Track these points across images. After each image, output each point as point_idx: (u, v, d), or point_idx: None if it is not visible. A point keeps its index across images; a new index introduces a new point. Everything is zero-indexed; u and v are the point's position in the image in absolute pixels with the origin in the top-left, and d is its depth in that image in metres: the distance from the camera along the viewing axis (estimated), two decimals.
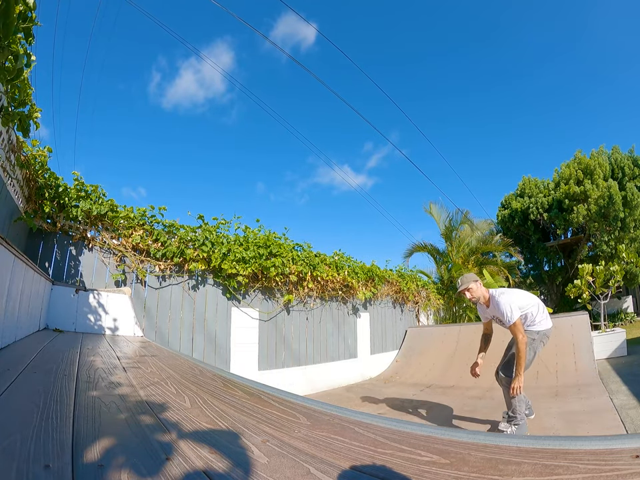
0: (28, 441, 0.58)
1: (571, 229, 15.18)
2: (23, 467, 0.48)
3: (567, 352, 5.20)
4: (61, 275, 4.00)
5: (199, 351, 4.91)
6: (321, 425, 0.72)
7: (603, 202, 12.70)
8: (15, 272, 2.03)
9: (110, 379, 1.18)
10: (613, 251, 12.66)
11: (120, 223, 4.41)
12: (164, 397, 0.94)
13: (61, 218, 4.02)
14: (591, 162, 13.67)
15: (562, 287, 13.87)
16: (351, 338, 7.46)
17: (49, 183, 3.90)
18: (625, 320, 12.68)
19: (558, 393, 4.36)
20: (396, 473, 0.49)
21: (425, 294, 9.99)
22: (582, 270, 9.08)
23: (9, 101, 2.19)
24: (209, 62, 19.13)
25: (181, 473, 0.49)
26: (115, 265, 4.39)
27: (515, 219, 15.93)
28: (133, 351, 2.26)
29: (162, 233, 4.76)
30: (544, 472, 0.43)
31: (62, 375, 1.18)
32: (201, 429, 0.68)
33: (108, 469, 0.50)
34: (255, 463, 0.53)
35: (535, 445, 0.53)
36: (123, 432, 0.66)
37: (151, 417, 0.75)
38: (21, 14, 1.71)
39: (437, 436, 0.63)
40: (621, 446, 0.47)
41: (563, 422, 3.35)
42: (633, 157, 14.06)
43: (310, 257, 6.55)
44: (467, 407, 4.28)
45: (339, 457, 0.55)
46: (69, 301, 3.40)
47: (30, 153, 3.58)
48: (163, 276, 4.80)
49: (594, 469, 0.42)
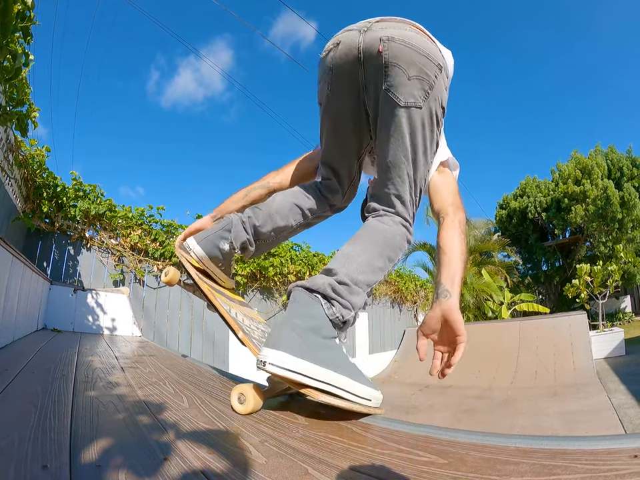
0: (26, 442, 0.57)
1: (569, 229, 15.22)
2: (20, 467, 0.48)
3: (565, 352, 5.21)
4: (59, 274, 3.99)
5: (197, 351, 4.90)
6: (319, 425, 0.72)
7: (601, 203, 12.73)
8: (12, 272, 2.02)
9: (108, 379, 1.18)
10: (610, 251, 12.69)
11: (118, 223, 4.40)
12: (162, 397, 0.94)
13: (59, 218, 4.01)
14: (589, 162, 13.71)
15: (560, 286, 13.91)
16: (349, 338, 7.46)
17: (47, 183, 3.89)
18: (623, 320, 12.72)
19: (556, 392, 4.37)
20: (394, 472, 0.49)
21: (423, 294, 10.01)
22: (580, 270, 9.11)
23: (7, 100, 2.18)
24: (208, 61, 19.11)
25: (178, 473, 0.49)
26: (113, 264, 4.38)
27: (513, 218, 15.96)
28: (131, 350, 2.26)
29: (160, 233, 4.75)
30: (542, 472, 0.43)
31: (60, 375, 1.18)
32: (199, 429, 0.68)
33: (106, 469, 0.49)
34: (252, 463, 0.53)
35: (533, 444, 0.53)
36: (121, 432, 0.66)
37: (149, 417, 0.75)
38: (19, 13, 1.70)
39: (435, 436, 0.63)
40: (620, 446, 0.47)
41: (562, 422, 3.35)
42: (631, 157, 14.10)
43: (308, 257, 6.55)
44: (465, 406, 4.28)
45: (337, 457, 0.55)
46: (67, 301, 3.39)
47: (28, 153, 3.56)
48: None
49: (592, 469, 0.42)
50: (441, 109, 1.04)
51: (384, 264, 0.96)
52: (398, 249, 1.00)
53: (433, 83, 0.98)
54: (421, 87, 0.97)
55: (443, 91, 1.03)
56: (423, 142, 1.01)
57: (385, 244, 0.97)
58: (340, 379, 0.75)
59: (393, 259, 0.99)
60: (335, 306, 0.82)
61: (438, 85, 0.99)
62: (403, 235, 1.02)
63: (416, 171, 1.04)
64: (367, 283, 0.91)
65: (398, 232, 1.01)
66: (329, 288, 0.82)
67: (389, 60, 0.94)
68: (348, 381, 0.76)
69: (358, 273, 0.88)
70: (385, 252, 0.97)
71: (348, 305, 0.84)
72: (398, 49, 0.94)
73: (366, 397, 0.79)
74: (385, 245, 0.97)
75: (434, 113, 1.01)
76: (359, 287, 0.88)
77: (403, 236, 1.03)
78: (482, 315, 9.88)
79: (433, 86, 0.98)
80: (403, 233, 1.03)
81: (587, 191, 13.17)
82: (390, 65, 0.94)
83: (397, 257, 1.01)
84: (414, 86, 0.96)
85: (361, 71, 1.00)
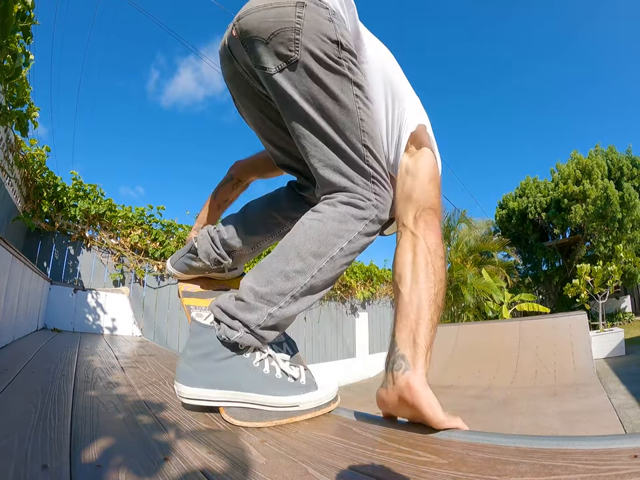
0: (26, 441, 0.57)
1: (569, 229, 15.22)
2: (20, 467, 0.48)
3: (565, 352, 5.21)
4: (59, 274, 4.00)
5: None
6: (320, 425, 0.72)
7: (600, 203, 12.73)
8: (13, 272, 2.02)
9: (108, 378, 1.18)
10: (610, 251, 12.69)
11: (118, 223, 4.40)
12: (162, 396, 0.94)
13: (59, 217, 4.01)
14: (589, 162, 13.71)
15: (560, 286, 13.90)
16: (349, 337, 7.46)
17: (47, 183, 3.89)
18: (623, 320, 12.71)
19: (556, 392, 4.37)
20: (394, 472, 0.49)
21: None
22: (580, 270, 9.11)
23: (7, 100, 2.18)
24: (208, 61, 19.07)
25: (178, 473, 0.49)
26: (113, 264, 4.38)
27: (513, 218, 15.95)
28: (131, 350, 2.26)
29: (160, 233, 4.75)
30: (542, 472, 0.43)
31: (60, 375, 1.18)
32: (199, 429, 0.68)
33: (106, 469, 0.49)
34: (253, 464, 0.53)
35: (533, 444, 0.53)
36: (121, 432, 0.66)
37: (149, 416, 0.75)
38: (19, 13, 1.70)
39: (435, 436, 0.63)
40: (619, 446, 0.47)
41: (561, 422, 3.35)
42: (631, 156, 14.09)
43: None
44: (464, 406, 4.28)
45: (337, 457, 0.55)
46: (67, 301, 3.39)
47: (28, 152, 3.57)
48: (162, 275, 4.80)
49: (592, 469, 0.42)
50: (331, 45, 0.84)
51: (303, 265, 0.79)
52: (332, 236, 0.81)
53: (297, 25, 0.83)
54: (286, 38, 0.83)
55: (323, 23, 0.84)
56: (324, 91, 0.84)
57: (306, 240, 0.81)
58: (240, 395, 0.76)
59: (324, 253, 0.80)
60: (221, 328, 0.78)
61: (307, 22, 0.83)
62: (343, 215, 0.82)
63: (340, 128, 0.84)
64: (279, 292, 0.79)
65: (332, 216, 0.82)
66: (216, 309, 0.81)
67: (243, 36, 0.85)
68: (252, 395, 0.76)
69: (263, 285, 0.79)
70: (305, 249, 0.80)
71: (235, 325, 0.77)
72: (245, 22, 0.85)
73: (278, 404, 0.76)
74: (304, 242, 0.81)
75: (320, 53, 0.83)
76: (262, 300, 0.78)
77: (345, 215, 0.82)
78: (482, 314, 9.89)
79: (298, 29, 0.83)
80: (344, 213, 0.82)
81: (587, 190, 13.17)
82: (246, 40, 0.85)
83: (336, 247, 0.81)
84: (276, 44, 0.83)
85: (237, 65, 0.92)
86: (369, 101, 0.89)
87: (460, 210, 10.80)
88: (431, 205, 0.83)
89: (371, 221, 0.84)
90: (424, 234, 0.78)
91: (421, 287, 0.72)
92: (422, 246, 0.76)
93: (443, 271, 0.76)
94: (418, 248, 0.77)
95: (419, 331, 0.67)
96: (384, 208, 0.87)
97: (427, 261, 0.74)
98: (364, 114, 0.87)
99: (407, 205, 0.85)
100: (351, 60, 0.86)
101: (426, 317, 0.68)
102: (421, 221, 0.80)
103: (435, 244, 0.78)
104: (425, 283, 0.72)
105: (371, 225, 0.85)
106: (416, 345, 0.65)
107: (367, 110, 0.88)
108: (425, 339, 0.67)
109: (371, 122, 0.88)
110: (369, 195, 0.85)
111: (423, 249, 0.76)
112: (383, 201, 0.86)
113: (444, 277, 0.77)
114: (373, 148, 0.87)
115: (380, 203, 0.86)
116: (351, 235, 0.83)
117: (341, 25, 0.87)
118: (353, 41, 0.90)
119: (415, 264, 0.75)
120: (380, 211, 0.86)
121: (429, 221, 0.80)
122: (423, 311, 0.69)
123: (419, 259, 0.75)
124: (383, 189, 0.87)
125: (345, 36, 0.86)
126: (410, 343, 0.66)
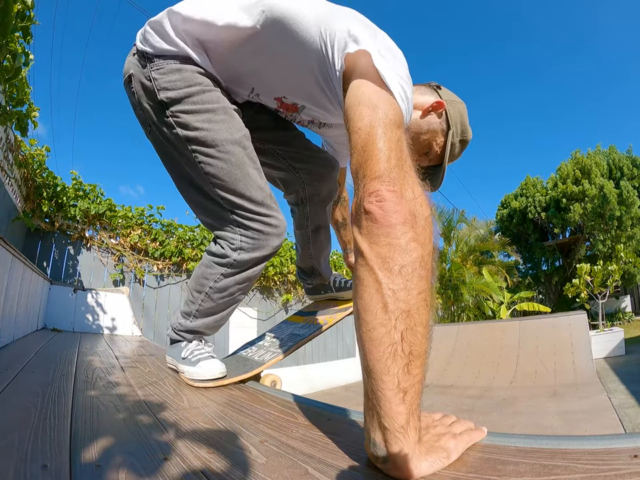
0: (25, 441, 0.57)
1: (569, 229, 15.23)
2: (20, 467, 0.48)
3: (565, 351, 5.21)
4: (59, 274, 3.99)
5: None
6: (320, 424, 0.72)
7: (598, 201, 12.73)
8: (12, 271, 2.02)
9: (108, 378, 1.18)
10: (610, 250, 12.68)
11: (118, 223, 4.40)
12: (162, 396, 0.94)
13: (59, 217, 4.01)
14: (588, 161, 13.72)
15: (560, 286, 13.91)
16: (349, 337, 7.46)
17: (47, 182, 3.89)
18: (623, 319, 12.72)
19: (556, 392, 4.37)
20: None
21: None
22: (580, 269, 9.11)
23: (7, 100, 2.18)
24: None
25: (178, 473, 0.49)
26: (113, 264, 4.38)
27: (514, 218, 15.96)
28: (131, 350, 2.26)
29: (160, 233, 4.75)
30: (542, 472, 0.43)
31: (60, 375, 1.18)
32: (199, 429, 0.68)
33: (106, 468, 0.49)
34: (253, 463, 0.53)
35: (533, 444, 0.53)
36: (121, 432, 0.66)
37: (149, 416, 0.75)
38: (19, 12, 1.70)
39: None
40: (619, 445, 0.47)
41: (561, 421, 3.36)
42: (632, 156, 14.10)
43: None
44: (465, 406, 4.29)
45: (337, 457, 0.55)
46: (67, 301, 3.39)
47: (28, 152, 3.56)
48: (162, 275, 4.80)
49: (592, 469, 0.42)
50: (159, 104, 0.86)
51: (191, 297, 1.07)
52: (202, 278, 1.02)
53: (133, 98, 0.92)
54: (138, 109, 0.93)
55: (143, 92, 0.89)
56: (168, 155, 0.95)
57: (192, 278, 1.08)
58: (174, 362, 1.17)
59: (200, 290, 1.03)
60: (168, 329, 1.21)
61: (136, 95, 0.90)
62: (209, 260, 1.01)
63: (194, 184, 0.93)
64: (186, 313, 1.10)
65: (203, 261, 1.03)
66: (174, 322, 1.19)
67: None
68: (177, 364, 1.13)
69: (183, 305, 1.12)
70: (191, 286, 1.07)
71: (169, 327, 1.19)
72: None
73: (186, 372, 1.07)
74: (191, 280, 1.08)
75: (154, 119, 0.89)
76: (181, 315, 1.13)
77: (210, 261, 1.00)
78: (482, 314, 9.89)
79: (135, 104, 0.93)
80: (209, 259, 1.00)
81: (586, 190, 13.17)
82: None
83: (206, 287, 1.01)
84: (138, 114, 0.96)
85: None
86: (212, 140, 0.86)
87: (459, 210, 10.80)
88: (374, 190, 0.50)
89: (230, 265, 0.95)
90: (368, 265, 0.50)
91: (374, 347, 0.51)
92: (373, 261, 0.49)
93: (404, 302, 0.50)
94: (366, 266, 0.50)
95: (381, 408, 0.46)
96: (255, 245, 0.93)
97: (381, 289, 0.49)
98: (208, 166, 0.87)
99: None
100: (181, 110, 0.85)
101: (388, 379, 0.46)
102: (359, 232, 0.52)
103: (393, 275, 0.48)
104: (377, 340, 0.50)
105: (233, 265, 0.96)
106: (384, 428, 0.46)
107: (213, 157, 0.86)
108: (395, 410, 0.45)
109: (223, 165, 0.87)
110: (234, 239, 0.93)
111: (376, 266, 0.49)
112: (249, 240, 0.92)
113: (416, 300, 0.51)
114: (229, 193, 0.89)
115: (245, 242, 0.92)
116: (214, 276, 0.99)
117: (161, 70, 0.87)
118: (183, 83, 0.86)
119: (371, 295, 0.51)
120: (247, 249, 0.93)
121: (369, 227, 0.49)
122: (387, 375, 0.47)
123: (372, 283, 0.50)
124: (247, 228, 0.92)
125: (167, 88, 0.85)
126: (376, 424, 0.47)
